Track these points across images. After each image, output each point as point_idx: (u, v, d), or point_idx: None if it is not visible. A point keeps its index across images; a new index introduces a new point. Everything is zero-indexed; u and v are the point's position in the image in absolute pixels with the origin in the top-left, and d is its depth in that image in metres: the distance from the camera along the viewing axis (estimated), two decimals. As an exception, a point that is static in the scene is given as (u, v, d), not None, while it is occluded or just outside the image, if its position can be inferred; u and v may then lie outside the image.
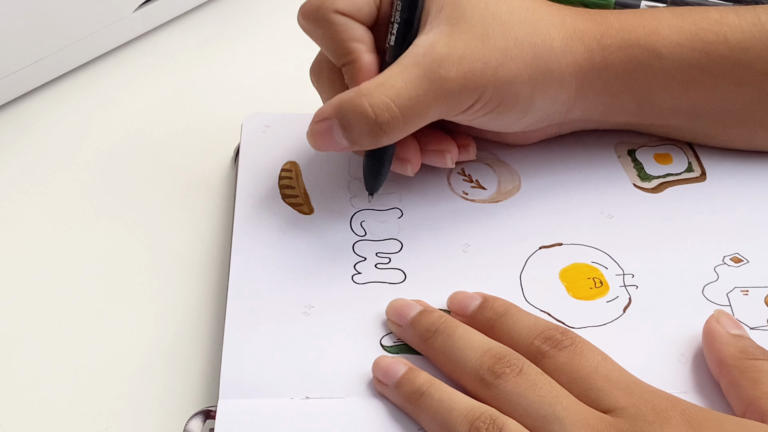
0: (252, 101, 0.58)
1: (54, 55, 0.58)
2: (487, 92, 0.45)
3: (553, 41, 0.46)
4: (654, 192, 0.50)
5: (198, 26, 0.64)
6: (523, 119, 0.48)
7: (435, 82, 0.43)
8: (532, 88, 0.46)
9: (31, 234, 0.51)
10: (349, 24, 0.45)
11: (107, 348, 0.45)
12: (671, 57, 0.47)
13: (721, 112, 0.50)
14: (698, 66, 0.48)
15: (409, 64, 0.44)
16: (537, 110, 0.47)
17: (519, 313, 0.43)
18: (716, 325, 0.42)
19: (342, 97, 0.44)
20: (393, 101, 0.43)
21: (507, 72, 0.45)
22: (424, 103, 0.44)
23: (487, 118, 0.46)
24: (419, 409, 0.40)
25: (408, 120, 0.44)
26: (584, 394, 0.39)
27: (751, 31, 0.47)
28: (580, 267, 0.47)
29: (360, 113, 0.43)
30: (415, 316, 0.43)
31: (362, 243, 0.48)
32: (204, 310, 0.47)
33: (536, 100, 0.47)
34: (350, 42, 0.45)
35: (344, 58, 0.46)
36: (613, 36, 0.47)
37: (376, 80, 0.44)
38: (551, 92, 0.47)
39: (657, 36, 0.47)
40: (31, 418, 0.43)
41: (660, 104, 0.49)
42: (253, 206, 0.49)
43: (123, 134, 0.57)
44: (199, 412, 0.42)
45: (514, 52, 0.45)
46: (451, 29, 0.44)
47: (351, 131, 0.44)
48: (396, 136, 0.44)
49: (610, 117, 0.50)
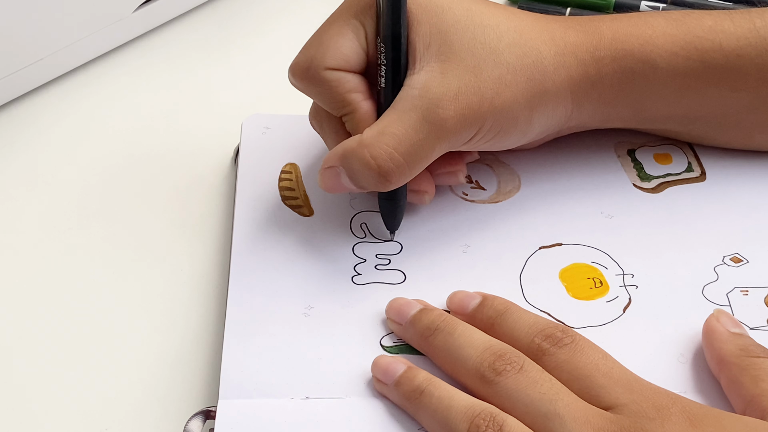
0: (252, 101, 0.58)
1: (54, 55, 0.58)
2: (486, 123, 0.45)
3: (545, 60, 0.46)
4: (654, 192, 0.50)
5: (198, 26, 0.64)
6: (524, 138, 0.48)
7: (434, 123, 0.43)
8: (530, 110, 0.46)
9: (31, 234, 0.51)
10: (342, 77, 0.45)
11: (107, 348, 0.45)
12: (666, 66, 0.47)
13: (716, 116, 0.50)
14: (693, 74, 0.47)
15: (407, 108, 0.44)
16: (536, 128, 0.47)
17: (519, 311, 0.43)
18: (716, 324, 0.42)
19: (345, 146, 0.44)
20: (395, 150, 0.43)
21: (504, 100, 0.45)
22: (426, 147, 0.44)
23: (489, 144, 0.47)
24: (419, 407, 0.40)
25: (412, 165, 0.44)
26: (585, 391, 0.39)
27: (746, 38, 0.47)
28: (579, 267, 0.47)
29: (364, 164, 0.44)
30: (415, 315, 0.43)
31: (362, 244, 0.48)
32: (204, 311, 0.47)
33: (535, 120, 0.47)
34: (346, 94, 0.45)
35: (343, 110, 0.46)
36: (606, 47, 0.47)
37: (377, 128, 0.44)
38: (548, 109, 0.47)
39: (651, 45, 0.47)
40: (32, 418, 0.43)
41: (655, 111, 0.49)
42: (253, 208, 0.49)
43: (123, 134, 0.57)
44: (199, 412, 0.42)
45: (508, 79, 0.45)
46: (442, 65, 0.44)
47: (357, 179, 0.44)
48: (403, 182, 0.44)
49: (607, 123, 0.50)
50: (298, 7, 0.47)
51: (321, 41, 0.45)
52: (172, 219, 0.51)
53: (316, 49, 0.45)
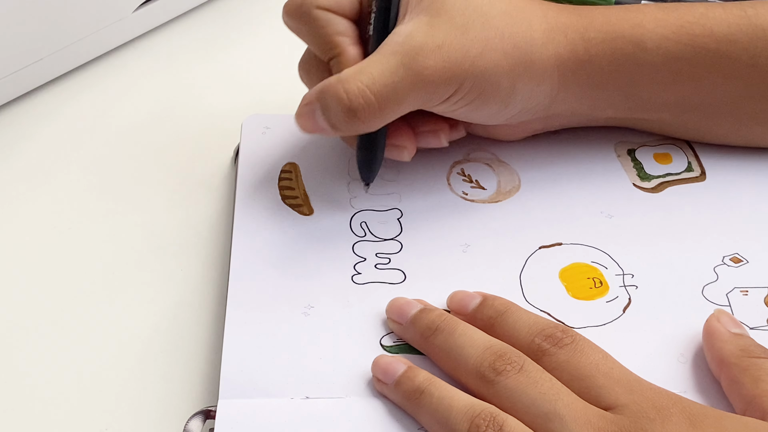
0: (252, 101, 0.58)
1: (54, 55, 0.58)
2: (467, 82, 0.45)
3: (534, 33, 0.46)
4: (654, 192, 0.50)
5: (198, 26, 0.65)
6: (505, 110, 0.48)
7: (412, 69, 0.44)
8: (512, 78, 0.46)
9: (31, 233, 0.51)
10: (332, 19, 0.46)
11: (107, 348, 0.45)
12: (657, 49, 0.48)
13: (709, 105, 0.50)
14: (684, 58, 0.48)
15: (388, 52, 0.44)
16: (518, 101, 0.47)
17: (519, 311, 0.43)
18: (717, 324, 0.42)
19: (324, 82, 0.45)
20: (368, 87, 0.44)
21: (487, 62, 0.45)
22: (400, 91, 0.44)
23: (468, 109, 0.47)
24: (419, 407, 0.40)
25: (384, 107, 0.44)
26: (585, 391, 0.39)
27: (737, 24, 0.48)
28: (579, 267, 0.47)
29: (337, 98, 0.44)
30: (415, 314, 0.43)
31: (362, 243, 0.48)
32: (204, 310, 0.47)
33: (517, 91, 0.47)
34: (335, 36, 0.46)
35: (330, 52, 0.46)
36: (597, 29, 0.47)
37: (356, 67, 0.44)
38: (533, 83, 0.47)
39: (642, 29, 0.48)
40: (32, 418, 0.43)
41: (647, 97, 0.49)
42: (253, 207, 0.49)
43: (123, 134, 0.57)
44: (199, 412, 0.42)
45: (495, 43, 0.45)
46: (431, 19, 0.45)
47: (329, 116, 0.45)
48: (373, 123, 0.45)
49: (597, 111, 0.50)
50: (297, 7, 0.47)
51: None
52: (172, 219, 0.51)
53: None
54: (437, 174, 0.51)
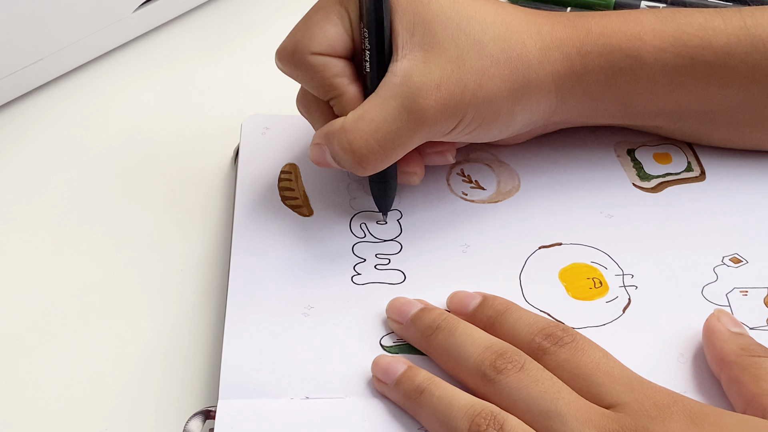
0: (252, 102, 0.58)
1: (54, 55, 0.58)
2: (468, 115, 0.45)
3: (530, 54, 0.46)
4: (653, 192, 0.50)
5: (198, 26, 0.65)
6: (506, 131, 0.48)
7: (414, 112, 0.44)
8: (512, 103, 0.46)
9: (31, 234, 0.51)
10: (327, 62, 0.45)
11: (107, 348, 0.45)
12: (654, 62, 0.47)
13: (706, 114, 0.50)
14: (682, 70, 0.47)
15: (387, 95, 0.44)
16: (519, 121, 0.47)
17: (519, 311, 0.43)
18: (717, 323, 0.42)
19: (329, 127, 0.45)
20: (371, 136, 0.44)
21: (486, 92, 0.45)
22: (404, 135, 0.44)
23: (471, 136, 0.47)
24: (419, 406, 0.40)
25: (388, 152, 0.44)
26: (586, 390, 0.39)
27: (736, 35, 0.47)
28: (579, 267, 0.47)
29: (341, 147, 0.44)
30: (416, 314, 0.43)
31: (362, 244, 0.48)
32: (204, 311, 0.47)
33: (517, 113, 0.47)
34: (332, 79, 0.45)
35: (330, 94, 0.46)
36: (593, 42, 0.47)
37: (357, 113, 0.44)
38: (532, 103, 0.47)
39: (639, 41, 0.47)
40: (32, 418, 0.43)
41: (643, 107, 0.49)
42: (253, 208, 0.49)
43: (123, 134, 0.57)
44: (199, 412, 0.42)
45: (492, 71, 0.45)
46: (425, 55, 0.44)
47: (338, 161, 0.45)
48: (379, 167, 0.45)
49: (594, 119, 0.50)
50: (297, 7, 0.47)
51: (307, 27, 0.46)
52: (172, 219, 0.51)
53: (302, 35, 0.46)
54: (437, 174, 0.51)
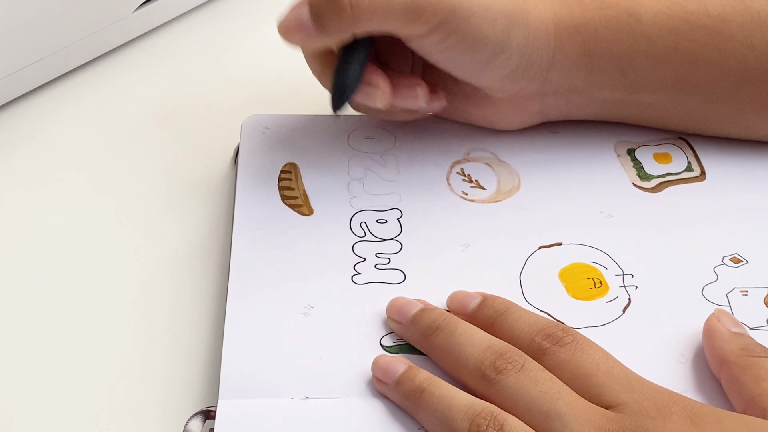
0: (252, 101, 0.58)
1: (54, 55, 0.58)
2: (464, 4, 0.45)
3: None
4: (653, 191, 0.50)
5: (198, 26, 0.65)
6: (499, 59, 0.47)
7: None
8: (509, 20, 0.46)
9: (31, 234, 0.51)
10: None
11: (107, 348, 0.45)
12: (651, 22, 0.48)
13: (707, 88, 0.50)
14: (679, 33, 0.48)
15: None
16: (515, 50, 0.47)
17: (519, 311, 0.43)
18: (717, 323, 0.42)
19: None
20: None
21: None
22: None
23: (460, 49, 0.46)
24: (419, 406, 0.40)
25: (377, 6, 0.44)
26: (586, 390, 0.39)
27: (731, 5, 0.48)
28: (579, 267, 0.47)
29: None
30: (416, 314, 0.43)
31: (362, 244, 0.48)
32: (204, 310, 0.47)
33: (513, 37, 0.47)
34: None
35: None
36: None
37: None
38: (529, 32, 0.47)
39: (636, 1, 0.48)
40: (31, 418, 0.43)
41: (644, 74, 0.49)
42: (253, 207, 0.49)
43: (123, 134, 0.57)
44: (199, 412, 0.42)
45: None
46: None
47: (321, 15, 0.45)
48: (364, 23, 0.45)
49: (594, 88, 0.50)
50: (297, 7, 0.47)
51: None
52: (172, 219, 0.51)
53: None
54: (437, 174, 0.51)
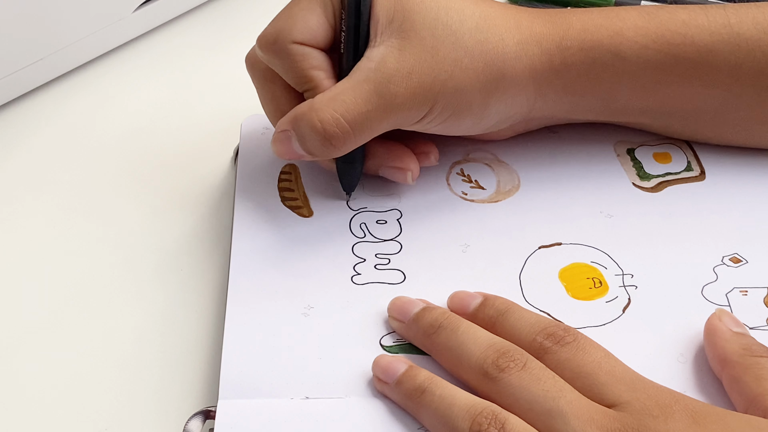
0: (252, 102, 0.58)
1: (54, 55, 0.58)
2: (438, 104, 0.45)
3: (506, 47, 0.46)
4: (653, 191, 0.50)
5: (198, 26, 0.65)
6: (480, 123, 0.48)
7: (384, 97, 0.44)
8: (485, 95, 0.46)
9: (31, 234, 0.51)
10: (307, 53, 0.46)
11: (107, 348, 0.45)
12: (636, 59, 0.47)
13: (691, 113, 0.50)
14: (664, 67, 0.47)
15: (361, 79, 0.45)
16: (493, 114, 0.48)
17: (521, 310, 0.43)
18: (718, 323, 0.42)
19: (298, 110, 0.46)
20: (342, 116, 0.44)
21: (457, 83, 0.45)
22: (373, 118, 0.45)
23: (443, 126, 0.47)
24: (420, 406, 0.40)
25: (358, 134, 0.45)
26: (588, 389, 0.39)
27: (719, 33, 0.47)
28: (579, 267, 0.47)
29: (311, 127, 0.45)
30: (418, 313, 0.43)
31: (362, 244, 0.48)
32: (204, 310, 0.47)
33: (491, 105, 0.47)
34: (309, 71, 0.46)
35: (305, 86, 0.46)
36: (574, 38, 0.47)
37: (329, 94, 0.45)
38: (507, 96, 0.47)
39: (621, 38, 0.47)
40: (31, 419, 0.43)
41: (626, 103, 0.49)
42: (253, 208, 0.49)
43: (123, 134, 0.57)
44: (199, 412, 0.42)
45: (465, 62, 0.45)
46: (402, 42, 0.45)
47: (305, 143, 0.46)
48: (347, 148, 0.46)
49: (577, 115, 0.50)
50: (297, 7, 0.47)
51: (289, 15, 0.46)
52: (172, 219, 0.51)
53: (284, 22, 0.46)
54: (437, 174, 0.51)
